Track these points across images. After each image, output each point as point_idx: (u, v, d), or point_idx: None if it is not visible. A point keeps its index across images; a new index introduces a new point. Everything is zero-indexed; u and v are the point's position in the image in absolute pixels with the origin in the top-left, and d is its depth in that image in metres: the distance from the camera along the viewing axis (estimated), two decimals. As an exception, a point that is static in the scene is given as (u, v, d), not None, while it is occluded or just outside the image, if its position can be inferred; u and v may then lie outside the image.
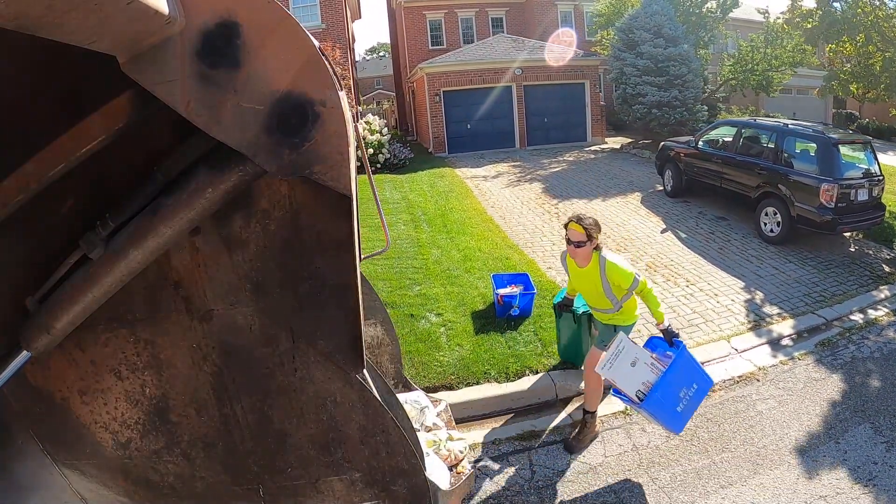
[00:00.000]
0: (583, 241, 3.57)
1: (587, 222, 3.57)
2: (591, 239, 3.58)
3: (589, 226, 3.56)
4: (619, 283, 3.60)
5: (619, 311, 3.80)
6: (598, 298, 3.79)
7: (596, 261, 3.66)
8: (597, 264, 3.66)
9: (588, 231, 3.55)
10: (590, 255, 3.65)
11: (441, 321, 5.63)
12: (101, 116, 1.36)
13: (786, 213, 8.02)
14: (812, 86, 15.85)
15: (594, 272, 3.68)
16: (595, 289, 3.74)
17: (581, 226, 3.55)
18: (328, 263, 1.62)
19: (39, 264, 1.56)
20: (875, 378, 4.87)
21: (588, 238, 3.56)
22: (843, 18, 11.76)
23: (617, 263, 3.61)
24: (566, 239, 3.68)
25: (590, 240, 3.58)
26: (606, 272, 3.60)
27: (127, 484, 1.93)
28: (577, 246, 3.60)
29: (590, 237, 3.57)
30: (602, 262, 3.63)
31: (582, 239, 3.56)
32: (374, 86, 45.58)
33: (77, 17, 0.85)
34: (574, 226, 3.58)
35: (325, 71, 1.26)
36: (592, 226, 3.57)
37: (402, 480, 1.89)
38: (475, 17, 23.69)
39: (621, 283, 3.60)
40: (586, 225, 3.55)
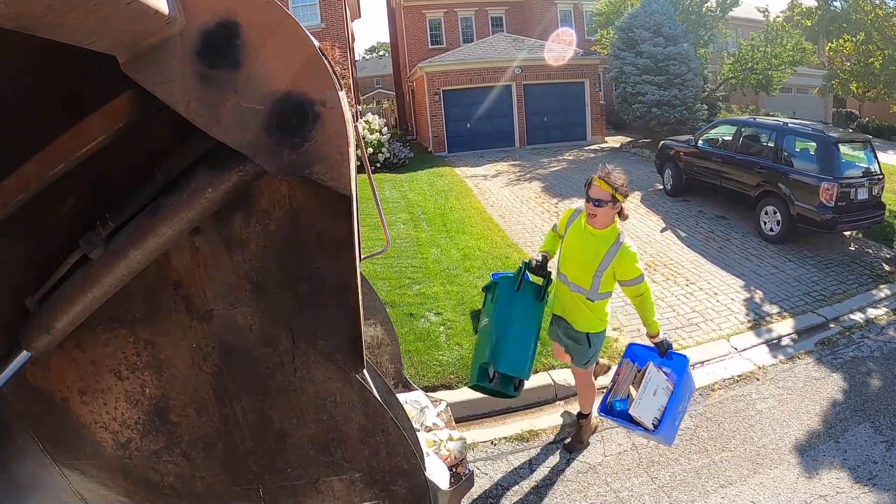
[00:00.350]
0: (604, 201, 3.01)
1: (615, 180, 2.99)
2: (615, 200, 3.01)
3: (617, 184, 2.99)
4: (622, 273, 3.16)
5: (589, 303, 3.31)
6: (583, 272, 3.25)
7: (611, 234, 3.13)
8: (610, 238, 3.13)
9: (615, 189, 2.98)
10: (609, 221, 3.11)
11: (440, 320, 5.63)
12: (101, 116, 1.36)
13: (786, 212, 8.02)
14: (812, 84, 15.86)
15: (601, 244, 3.15)
16: (588, 262, 3.19)
17: (607, 182, 2.98)
18: (328, 263, 1.62)
19: (39, 264, 1.56)
20: (875, 377, 4.88)
21: (612, 199, 3.00)
22: (843, 17, 11.76)
23: (634, 252, 3.15)
24: (585, 195, 3.11)
25: (614, 201, 3.01)
26: (618, 254, 3.11)
27: (127, 484, 1.93)
28: (597, 204, 3.03)
29: (615, 198, 3.01)
30: (618, 242, 3.12)
31: (604, 197, 3.00)
32: (373, 85, 45.57)
33: (77, 17, 0.84)
34: (598, 182, 3.01)
35: (325, 71, 1.26)
36: (621, 185, 3.01)
37: (402, 480, 1.89)
38: (475, 16, 23.67)
39: (625, 273, 3.16)
40: (613, 182, 2.98)
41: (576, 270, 3.29)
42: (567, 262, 3.35)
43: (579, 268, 3.26)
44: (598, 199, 3.02)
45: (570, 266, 3.33)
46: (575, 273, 3.30)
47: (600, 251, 3.14)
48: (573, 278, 3.32)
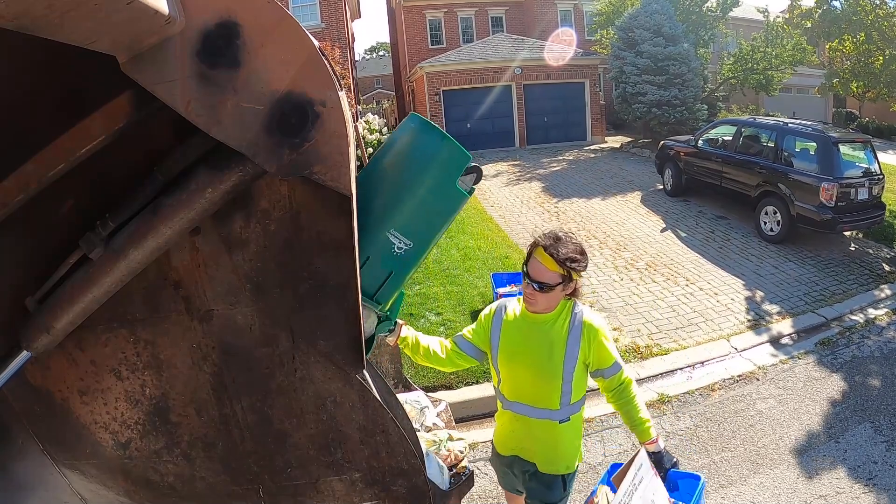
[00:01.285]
0: (551, 284, 2.02)
1: (569, 252, 2.00)
2: (565, 282, 2.03)
3: (568, 259, 1.99)
4: (598, 360, 2.15)
5: (563, 426, 2.22)
6: (545, 384, 2.16)
7: (563, 311, 2.13)
8: (564, 317, 2.12)
9: (570, 266, 2.00)
10: (555, 304, 2.11)
11: (440, 320, 5.63)
12: (101, 116, 1.36)
13: (786, 212, 8.02)
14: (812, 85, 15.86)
15: (555, 330, 2.12)
16: (545, 364, 2.13)
17: (556, 258, 1.98)
18: (328, 263, 1.62)
19: (39, 264, 1.56)
20: (875, 377, 4.88)
21: (562, 280, 2.02)
22: (843, 17, 11.75)
23: (601, 325, 2.15)
24: (524, 270, 2.10)
25: (563, 283, 2.03)
26: (584, 335, 2.10)
27: (127, 484, 1.93)
28: (540, 288, 2.03)
29: (566, 278, 2.02)
30: (576, 320, 2.11)
31: (552, 280, 2.01)
32: (373, 85, 45.56)
33: (77, 17, 0.84)
34: (544, 257, 2.00)
35: (325, 71, 1.26)
36: (575, 259, 2.00)
37: (402, 480, 1.89)
38: (475, 16, 23.68)
39: (601, 359, 2.14)
40: (566, 255, 1.99)
41: (533, 387, 2.19)
42: (516, 380, 2.24)
43: (538, 379, 2.16)
44: (542, 283, 2.01)
45: (522, 385, 2.23)
46: (533, 391, 2.20)
47: (557, 340, 2.11)
48: (533, 400, 2.21)
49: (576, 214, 9.86)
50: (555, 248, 1.99)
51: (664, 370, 5.09)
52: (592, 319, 2.14)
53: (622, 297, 6.45)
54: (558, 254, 1.98)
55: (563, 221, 9.45)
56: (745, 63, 17.66)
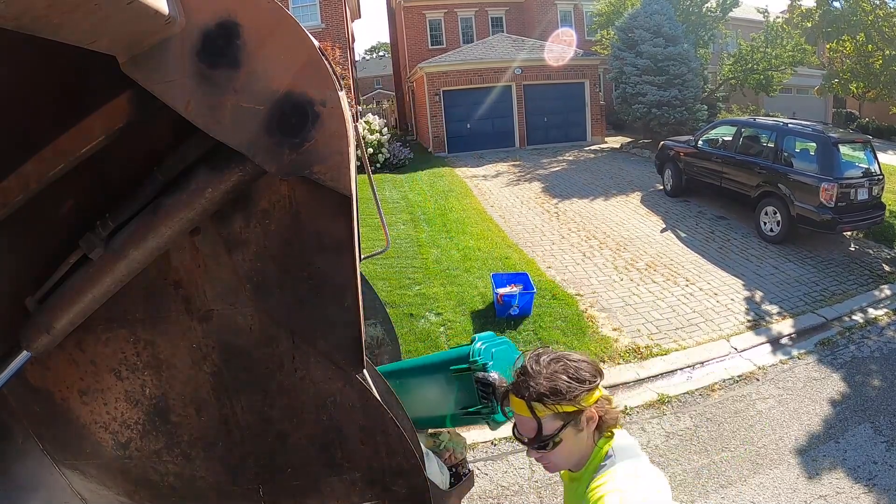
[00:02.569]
0: (544, 436, 1.32)
1: (535, 390, 1.29)
2: (564, 422, 1.31)
3: (541, 398, 1.29)
4: None
5: None
6: None
7: (591, 467, 1.36)
8: (588, 478, 1.34)
9: (556, 400, 1.29)
10: (579, 453, 1.37)
11: (441, 321, 5.63)
12: (101, 116, 1.36)
13: (786, 213, 8.02)
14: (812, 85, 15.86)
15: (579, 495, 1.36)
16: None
17: (528, 401, 1.30)
18: (328, 263, 1.62)
19: (39, 264, 1.56)
20: (875, 377, 4.88)
21: (558, 425, 1.31)
22: (843, 17, 11.75)
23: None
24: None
25: (563, 426, 1.31)
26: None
27: (127, 484, 1.93)
28: (535, 447, 1.34)
29: (560, 418, 1.31)
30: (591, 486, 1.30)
31: (532, 433, 1.33)
32: (373, 85, 45.56)
33: (77, 18, 0.84)
34: (513, 401, 1.36)
35: (325, 71, 1.26)
36: (554, 393, 1.29)
37: (402, 480, 1.89)
38: (475, 16, 23.68)
39: None
40: (533, 397, 1.30)
41: None
42: None
43: None
44: (529, 439, 1.34)
45: None
46: None
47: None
48: None
49: (576, 215, 9.86)
50: (520, 387, 1.31)
51: (664, 370, 5.09)
52: (599, 492, 1.25)
53: (622, 297, 6.45)
54: (526, 393, 1.30)
55: (563, 222, 9.45)
56: (745, 63, 17.65)
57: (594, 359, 1.42)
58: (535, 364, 1.34)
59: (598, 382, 1.33)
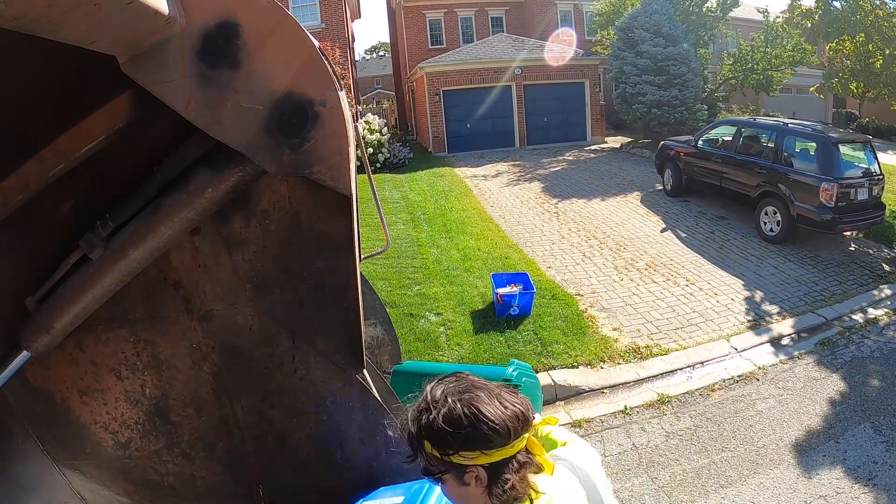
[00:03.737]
0: (433, 472, 1.10)
1: (425, 423, 1.06)
2: (443, 468, 1.07)
3: (420, 436, 1.08)
4: None
5: None
6: None
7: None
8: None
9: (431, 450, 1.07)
10: (462, 500, 1.10)
11: (440, 321, 5.63)
12: (101, 116, 1.36)
13: (786, 213, 8.02)
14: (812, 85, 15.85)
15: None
16: None
17: (433, 444, 1.06)
18: (328, 263, 1.62)
19: (39, 264, 1.56)
20: (875, 377, 4.87)
21: (441, 468, 1.08)
22: (843, 17, 11.74)
23: None
24: None
25: (443, 469, 1.07)
26: None
27: (127, 484, 1.93)
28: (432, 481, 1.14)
29: (449, 464, 1.06)
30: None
31: (434, 468, 1.09)
32: (373, 85, 45.53)
33: (77, 18, 0.84)
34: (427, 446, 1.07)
35: (325, 71, 1.26)
36: (442, 441, 1.04)
37: (403, 480, 1.89)
38: (475, 16, 23.67)
39: None
40: (417, 432, 1.09)
41: None
42: None
43: None
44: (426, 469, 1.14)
45: None
46: None
47: None
48: None
49: (576, 215, 9.86)
50: (418, 409, 1.10)
51: (664, 370, 5.09)
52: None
53: (622, 297, 6.44)
54: (414, 422, 1.10)
55: (562, 222, 9.44)
56: (745, 63, 17.65)
57: (519, 411, 1.06)
58: (440, 394, 1.08)
59: (496, 445, 1.03)
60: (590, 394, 4.71)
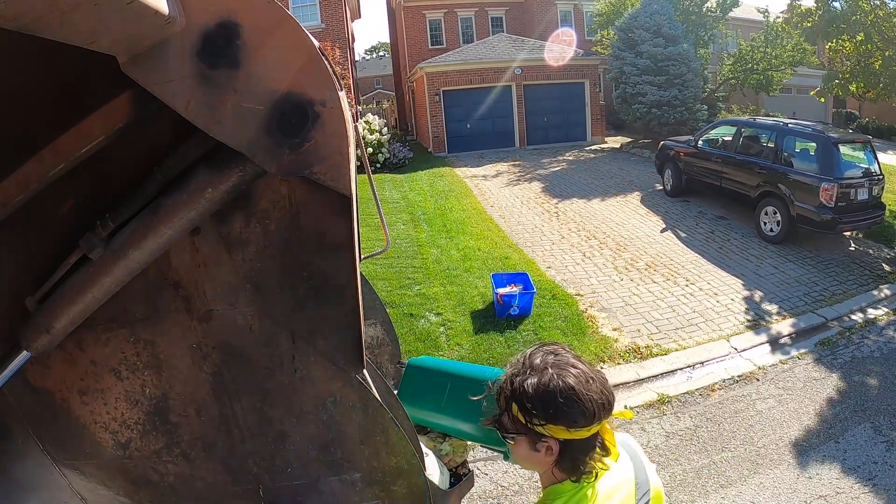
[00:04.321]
0: (507, 430, 1.20)
1: (513, 381, 1.17)
2: (526, 434, 1.16)
3: (507, 394, 1.18)
4: None
5: None
6: None
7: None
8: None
9: (505, 406, 1.20)
10: (527, 463, 1.23)
11: (440, 321, 5.63)
12: (101, 116, 1.36)
13: (786, 213, 8.02)
14: (812, 85, 15.85)
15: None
16: None
17: (520, 408, 1.14)
18: (328, 263, 1.62)
19: (39, 264, 1.56)
20: (875, 377, 4.87)
21: (515, 429, 1.18)
22: (843, 18, 11.74)
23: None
24: None
25: (521, 434, 1.17)
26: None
27: (127, 484, 1.93)
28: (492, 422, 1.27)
29: (520, 427, 1.16)
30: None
31: (513, 428, 1.19)
32: (373, 85, 45.53)
33: (77, 17, 0.84)
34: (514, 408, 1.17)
35: (325, 71, 1.26)
36: (514, 393, 1.16)
37: (402, 480, 1.89)
38: (475, 16, 23.68)
39: None
40: (505, 389, 1.20)
41: None
42: None
43: None
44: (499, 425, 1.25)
45: None
46: None
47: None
48: None
49: (576, 215, 9.86)
50: (514, 369, 1.18)
51: (664, 370, 5.09)
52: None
53: (622, 297, 6.44)
54: (507, 383, 1.18)
55: (563, 222, 9.44)
56: (745, 63, 17.66)
57: (606, 399, 1.15)
58: (540, 362, 1.14)
59: (579, 425, 1.10)
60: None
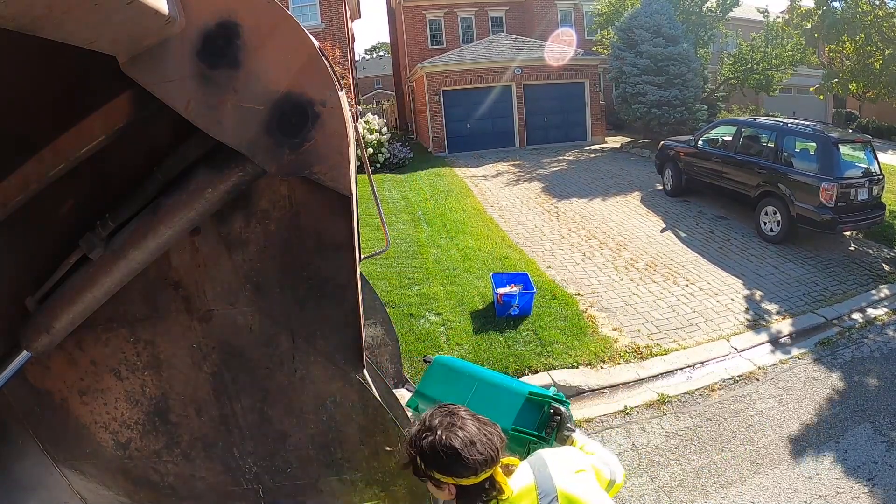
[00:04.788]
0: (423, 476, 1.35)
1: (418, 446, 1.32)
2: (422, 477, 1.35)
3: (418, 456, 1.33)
4: None
5: None
6: None
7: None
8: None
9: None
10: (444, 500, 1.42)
11: (440, 321, 5.63)
12: (101, 116, 1.36)
13: (786, 213, 8.02)
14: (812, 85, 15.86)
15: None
16: None
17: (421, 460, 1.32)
18: (328, 263, 1.62)
19: (39, 264, 1.56)
20: (875, 377, 4.87)
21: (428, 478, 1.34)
22: (843, 18, 11.73)
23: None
24: None
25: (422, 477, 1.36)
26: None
27: (127, 484, 1.93)
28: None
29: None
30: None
31: (421, 474, 1.35)
32: (373, 85, 45.52)
33: (77, 18, 0.84)
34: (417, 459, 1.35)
35: (325, 71, 1.26)
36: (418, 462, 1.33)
37: (402, 481, 1.89)
38: (475, 16, 23.67)
39: None
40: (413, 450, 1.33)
41: None
42: None
43: None
44: None
45: None
46: None
47: None
48: None
49: (576, 215, 9.86)
50: (413, 436, 1.34)
51: (664, 370, 5.09)
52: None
53: (622, 297, 6.44)
54: (411, 445, 1.34)
55: (563, 222, 9.44)
56: (745, 63, 17.66)
57: (489, 455, 1.28)
58: (436, 424, 1.31)
59: (464, 476, 1.28)
60: (590, 394, 4.71)
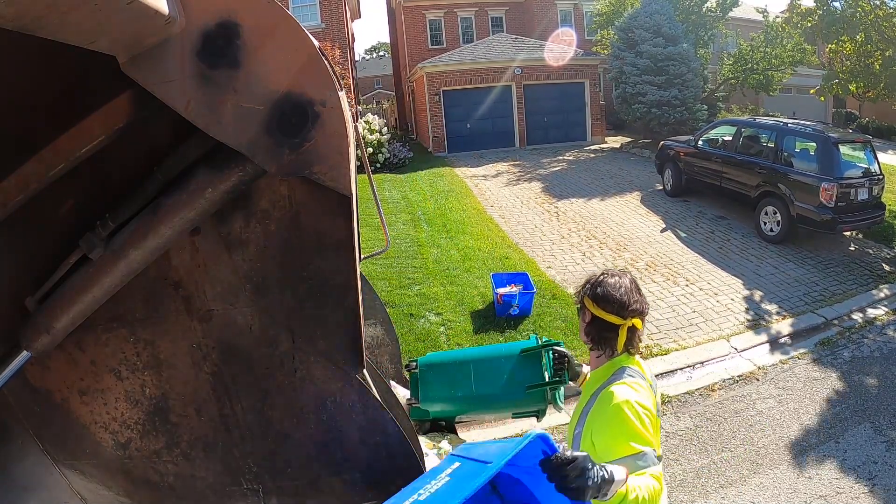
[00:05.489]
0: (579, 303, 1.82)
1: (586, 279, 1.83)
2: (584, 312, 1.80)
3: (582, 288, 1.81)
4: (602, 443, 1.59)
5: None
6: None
7: (604, 375, 1.76)
8: (598, 381, 1.77)
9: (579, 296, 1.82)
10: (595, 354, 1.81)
11: (440, 321, 5.63)
12: (101, 116, 1.36)
13: (786, 213, 8.02)
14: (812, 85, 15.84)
15: (586, 394, 1.85)
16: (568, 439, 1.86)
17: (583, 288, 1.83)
18: (328, 263, 1.62)
19: (39, 264, 1.56)
20: (875, 377, 4.87)
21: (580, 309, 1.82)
22: (843, 18, 11.74)
23: (623, 401, 1.59)
24: None
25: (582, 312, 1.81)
26: (596, 404, 1.68)
27: (127, 484, 1.93)
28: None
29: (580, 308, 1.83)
30: (603, 387, 1.69)
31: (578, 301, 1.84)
32: (373, 85, 45.52)
33: (77, 18, 0.85)
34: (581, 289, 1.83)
35: (325, 71, 1.26)
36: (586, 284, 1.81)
37: (402, 480, 1.89)
38: (475, 16, 23.67)
39: (606, 445, 1.57)
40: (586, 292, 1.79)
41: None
42: None
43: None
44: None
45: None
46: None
47: (578, 409, 1.84)
48: None
49: (576, 215, 9.86)
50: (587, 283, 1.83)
51: (664, 370, 5.09)
52: (613, 391, 1.60)
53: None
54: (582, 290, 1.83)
55: (562, 222, 9.45)
56: (745, 63, 17.67)
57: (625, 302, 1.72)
58: (608, 272, 1.82)
59: (601, 307, 1.73)
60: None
